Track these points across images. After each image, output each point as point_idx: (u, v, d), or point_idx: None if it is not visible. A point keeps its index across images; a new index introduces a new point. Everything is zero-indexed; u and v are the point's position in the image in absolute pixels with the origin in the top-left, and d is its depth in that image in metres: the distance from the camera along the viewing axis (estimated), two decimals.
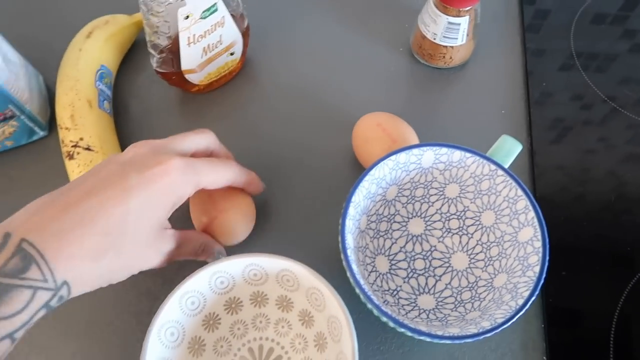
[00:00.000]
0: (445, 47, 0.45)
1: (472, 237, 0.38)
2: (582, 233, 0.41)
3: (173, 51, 0.41)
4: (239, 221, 0.36)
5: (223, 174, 0.33)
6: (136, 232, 0.27)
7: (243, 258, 0.32)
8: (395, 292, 0.37)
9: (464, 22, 0.43)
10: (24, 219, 0.25)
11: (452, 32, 0.43)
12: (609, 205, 0.42)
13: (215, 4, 0.39)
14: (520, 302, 0.30)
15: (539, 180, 0.42)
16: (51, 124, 0.46)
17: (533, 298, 0.30)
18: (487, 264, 0.37)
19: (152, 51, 0.41)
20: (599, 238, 0.40)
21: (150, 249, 0.29)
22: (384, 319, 0.30)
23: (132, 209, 0.27)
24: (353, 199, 0.33)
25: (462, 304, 0.36)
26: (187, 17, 0.38)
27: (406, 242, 0.39)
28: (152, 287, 0.39)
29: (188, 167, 0.30)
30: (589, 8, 0.53)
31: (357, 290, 0.31)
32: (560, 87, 0.48)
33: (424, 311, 0.37)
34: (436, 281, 0.38)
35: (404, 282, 0.38)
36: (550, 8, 0.53)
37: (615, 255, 0.40)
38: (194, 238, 0.34)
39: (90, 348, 0.37)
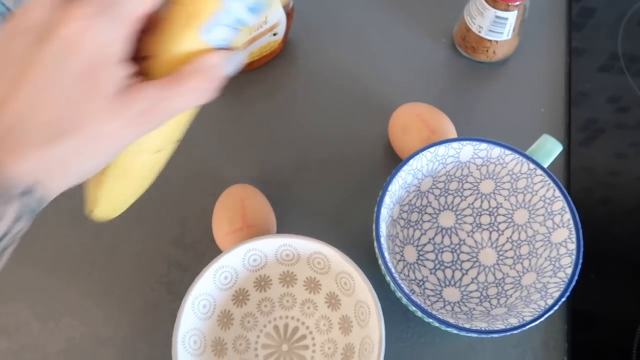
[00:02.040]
0: (490, 41, 0.44)
1: (502, 234, 0.38)
2: (610, 237, 0.40)
3: None
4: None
5: None
6: (82, 112, 0.23)
7: (278, 238, 0.33)
8: (421, 283, 0.38)
9: (511, 16, 0.42)
10: None
11: (498, 27, 0.43)
12: (638, 211, 0.41)
13: None
14: (550, 302, 0.30)
15: (578, 179, 0.42)
16: None
17: (563, 299, 0.30)
18: (515, 262, 0.37)
19: None
20: (627, 243, 0.40)
21: (115, 118, 0.23)
22: (412, 308, 0.31)
23: (64, 95, 0.23)
24: (390, 188, 0.34)
25: (488, 299, 0.36)
26: None
27: (435, 234, 0.40)
28: (182, 260, 0.40)
29: (102, 7, 0.22)
30: (638, 10, 0.52)
31: (388, 278, 0.32)
32: (597, 88, 0.47)
33: (449, 303, 0.37)
34: (462, 275, 0.38)
35: (431, 273, 0.38)
36: (597, 6, 0.52)
37: None
38: (185, 75, 0.24)
39: (121, 313, 0.39)
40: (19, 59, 0.22)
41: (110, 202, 0.30)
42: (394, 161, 0.41)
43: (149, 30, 0.24)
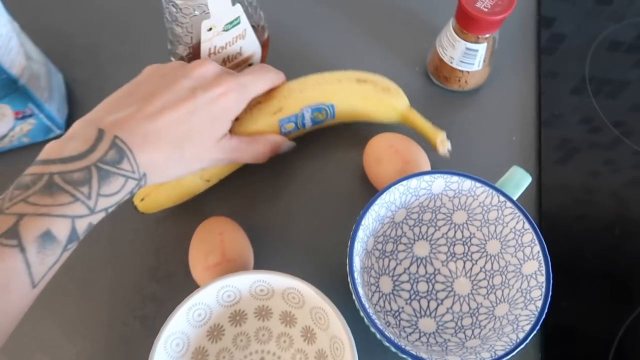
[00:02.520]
0: (461, 71, 0.45)
1: (475, 264, 0.39)
2: (584, 254, 0.41)
3: (193, 60, 0.41)
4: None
5: (264, 81, 0.40)
6: (199, 142, 0.35)
7: (251, 274, 0.33)
8: (397, 314, 0.38)
9: (481, 48, 0.43)
10: (112, 119, 0.31)
11: (469, 58, 0.44)
12: (612, 228, 0.42)
13: (239, 17, 0.39)
14: (522, 335, 0.31)
15: (549, 201, 0.43)
16: (68, 121, 0.46)
17: (534, 333, 0.31)
18: (489, 292, 0.37)
19: (172, 59, 0.42)
20: (600, 262, 0.41)
21: (211, 152, 0.36)
22: (387, 343, 0.31)
23: (195, 127, 0.34)
24: (363, 222, 0.34)
25: (462, 330, 0.37)
26: (210, 29, 0.38)
27: (410, 264, 0.40)
28: (157, 293, 0.40)
29: (241, 87, 0.37)
30: (606, 35, 0.53)
31: (362, 314, 0.32)
32: (569, 109, 0.48)
33: (425, 334, 0.37)
34: (438, 305, 0.39)
35: (406, 303, 0.39)
36: (567, 33, 0.54)
37: (617, 285, 0.40)
38: (260, 141, 0.40)
39: (95, 349, 0.38)
40: (181, 92, 0.34)
41: (157, 200, 0.40)
42: (370, 191, 0.41)
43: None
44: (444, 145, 0.42)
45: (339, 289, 0.39)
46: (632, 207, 0.43)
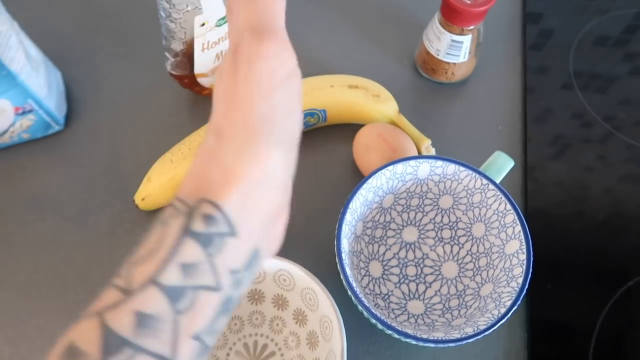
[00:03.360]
0: (448, 63, 0.47)
1: (462, 247, 0.40)
2: (575, 248, 0.42)
3: (187, 55, 0.43)
4: None
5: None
6: None
7: None
8: (386, 297, 0.39)
9: (466, 40, 0.44)
10: (255, 226, 0.22)
11: (454, 50, 0.45)
12: (604, 222, 0.43)
13: None
14: (503, 310, 0.32)
15: (536, 194, 0.44)
16: (67, 118, 0.48)
17: (515, 308, 0.32)
18: (475, 274, 0.38)
19: (167, 54, 0.43)
20: (590, 254, 0.42)
21: None
22: (373, 320, 0.32)
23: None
24: (350, 205, 0.35)
25: (450, 311, 0.38)
26: (203, 24, 0.40)
27: (400, 249, 0.41)
28: None
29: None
30: (592, 30, 0.55)
31: (349, 292, 0.33)
32: (560, 105, 0.49)
33: (413, 316, 0.38)
34: (426, 288, 0.40)
35: (396, 287, 0.40)
36: (554, 28, 0.55)
37: (602, 271, 0.41)
38: None
39: None
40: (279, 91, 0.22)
41: (157, 200, 0.41)
42: (359, 180, 0.42)
43: None
44: (428, 151, 0.44)
45: (330, 275, 0.40)
46: (625, 200, 0.45)
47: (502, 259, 0.36)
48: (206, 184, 0.21)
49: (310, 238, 0.42)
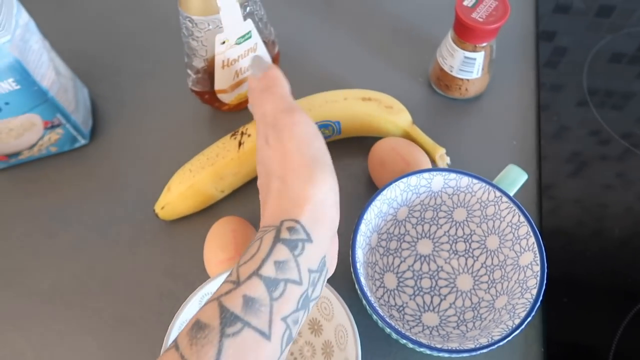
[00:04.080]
0: (461, 79, 0.47)
1: (477, 260, 0.40)
2: (593, 267, 0.42)
3: (208, 72, 0.44)
4: None
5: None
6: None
7: None
8: (401, 308, 0.39)
9: (479, 57, 0.45)
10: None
11: (467, 66, 0.46)
12: (624, 241, 0.43)
13: (250, 31, 0.42)
14: (517, 321, 0.32)
15: (553, 213, 0.44)
16: (92, 132, 0.50)
17: (529, 319, 0.32)
18: (490, 286, 0.39)
19: (189, 71, 0.45)
20: (609, 274, 0.42)
21: None
22: (388, 330, 0.33)
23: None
24: (365, 216, 0.36)
25: (464, 323, 0.38)
26: (224, 42, 0.41)
27: (414, 262, 0.42)
28: (174, 289, 0.42)
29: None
30: (607, 47, 0.55)
31: (364, 302, 0.33)
32: (575, 122, 0.49)
33: (428, 328, 0.38)
34: (441, 300, 0.40)
35: (410, 299, 0.40)
36: (568, 46, 0.56)
37: (618, 288, 0.41)
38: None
39: (114, 343, 0.40)
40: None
41: (176, 209, 0.43)
42: (374, 193, 0.43)
43: None
44: (443, 160, 0.44)
45: (345, 285, 0.40)
46: None
47: (516, 271, 0.36)
48: (284, 211, 0.28)
49: None
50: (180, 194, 0.43)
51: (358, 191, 0.46)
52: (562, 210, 0.44)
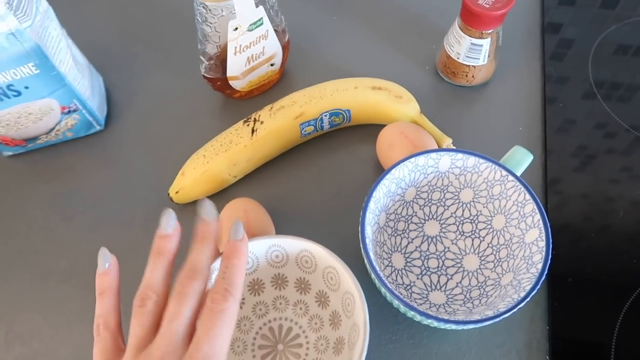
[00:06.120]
0: (468, 66, 0.48)
1: (483, 240, 0.41)
2: (600, 263, 0.42)
3: (220, 58, 0.46)
4: None
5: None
6: None
7: (267, 239, 0.36)
8: (409, 287, 0.40)
9: (485, 43, 0.46)
10: None
11: (474, 53, 0.47)
12: (633, 237, 0.43)
13: (261, 18, 0.44)
14: (523, 294, 0.33)
15: (560, 207, 0.44)
16: (107, 119, 0.51)
17: (534, 292, 0.33)
18: (496, 265, 0.39)
19: (202, 58, 0.46)
20: (617, 271, 0.42)
21: None
22: (396, 302, 0.33)
23: None
24: (374, 194, 0.37)
25: (471, 301, 0.39)
26: (236, 28, 0.43)
27: (422, 242, 0.42)
28: None
29: None
30: (612, 38, 0.55)
31: (372, 275, 0.34)
32: (582, 115, 0.50)
33: (435, 305, 0.39)
34: (448, 279, 0.41)
35: (418, 278, 0.41)
36: (573, 37, 0.56)
37: (623, 276, 0.41)
38: None
39: (129, 320, 0.41)
40: None
41: (190, 193, 0.44)
42: None
43: None
44: None
45: (354, 266, 0.41)
46: None
47: (522, 248, 0.37)
48: None
49: (334, 231, 0.44)
50: (194, 179, 0.44)
51: (367, 176, 0.47)
52: (569, 205, 0.44)
